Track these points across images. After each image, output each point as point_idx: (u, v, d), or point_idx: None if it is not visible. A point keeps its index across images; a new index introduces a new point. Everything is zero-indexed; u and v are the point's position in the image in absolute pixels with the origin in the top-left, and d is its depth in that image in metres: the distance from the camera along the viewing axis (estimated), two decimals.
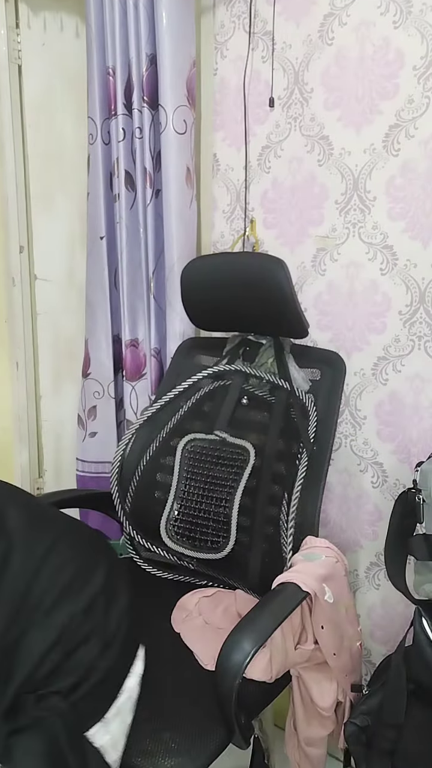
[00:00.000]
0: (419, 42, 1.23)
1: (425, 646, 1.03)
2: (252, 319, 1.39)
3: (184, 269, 1.42)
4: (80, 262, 1.79)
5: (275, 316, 1.33)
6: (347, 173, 1.37)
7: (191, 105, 1.48)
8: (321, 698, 1.12)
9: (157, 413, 1.48)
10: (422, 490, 1.10)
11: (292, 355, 1.39)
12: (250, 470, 1.33)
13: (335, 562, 1.15)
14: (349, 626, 1.16)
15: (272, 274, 1.29)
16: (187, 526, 1.39)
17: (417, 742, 0.97)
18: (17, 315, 1.76)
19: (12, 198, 1.70)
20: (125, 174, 1.53)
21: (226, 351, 1.48)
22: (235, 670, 0.91)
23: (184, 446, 1.42)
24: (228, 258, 1.48)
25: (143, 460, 1.47)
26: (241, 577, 1.33)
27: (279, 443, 1.34)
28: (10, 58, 1.64)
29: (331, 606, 1.08)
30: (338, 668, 1.12)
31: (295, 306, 1.30)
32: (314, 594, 1.04)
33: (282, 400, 1.35)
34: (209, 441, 1.41)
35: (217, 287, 1.38)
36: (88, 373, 1.66)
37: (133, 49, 1.45)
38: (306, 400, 1.33)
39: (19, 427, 1.82)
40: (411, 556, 1.10)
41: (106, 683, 0.89)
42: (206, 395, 1.47)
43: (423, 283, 1.29)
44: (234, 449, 1.38)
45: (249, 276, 1.33)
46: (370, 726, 1.02)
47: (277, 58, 1.44)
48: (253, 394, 1.41)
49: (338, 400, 1.33)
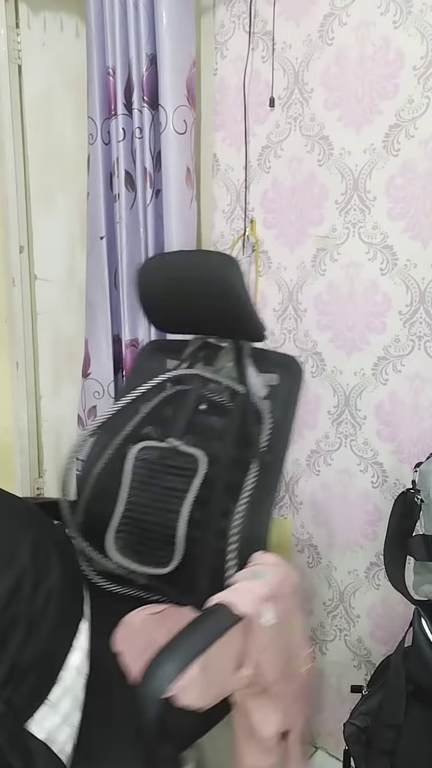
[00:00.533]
0: (419, 42, 1.23)
1: (424, 646, 1.02)
2: (209, 322, 1.31)
3: (140, 269, 1.36)
4: (80, 262, 1.79)
5: (231, 318, 1.26)
6: (347, 173, 1.37)
7: (191, 105, 1.48)
8: (263, 727, 1.04)
9: (112, 419, 1.40)
10: (421, 490, 1.10)
11: (251, 360, 1.33)
12: (201, 480, 1.25)
13: (282, 580, 1.08)
14: (294, 650, 1.10)
15: (224, 273, 1.21)
16: (134, 539, 1.30)
17: (416, 743, 0.97)
18: (17, 315, 1.76)
19: (12, 198, 1.70)
20: (125, 174, 1.53)
21: (187, 354, 1.41)
22: (155, 697, 0.84)
23: (136, 454, 1.34)
24: (181, 257, 1.39)
25: (96, 467, 1.40)
26: (188, 593, 1.23)
27: (233, 452, 1.27)
28: (10, 58, 1.64)
29: (271, 628, 1.01)
30: (281, 695, 1.05)
31: (250, 308, 1.23)
32: (249, 617, 0.98)
33: (239, 406, 1.28)
34: (161, 449, 1.33)
35: (172, 288, 1.31)
36: (88, 373, 1.66)
37: (133, 49, 1.45)
38: (262, 406, 1.28)
39: (19, 427, 1.82)
40: (410, 556, 1.10)
41: (41, 667, 0.83)
42: (165, 400, 1.40)
43: (423, 283, 1.29)
44: (186, 458, 1.30)
45: (201, 276, 1.26)
46: (369, 726, 1.02)
47: (277, 58, 1.44)
48: (211, 399, 1.34)
49: (295, 406, 1.27)
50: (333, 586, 1.52)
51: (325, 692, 1.59)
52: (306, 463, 1.53)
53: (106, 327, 1.62)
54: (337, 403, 1.45)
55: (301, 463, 1.54)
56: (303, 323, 1.48)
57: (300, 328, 1.49)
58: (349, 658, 1.52)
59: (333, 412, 1.46)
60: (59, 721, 0.84)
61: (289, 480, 1.57)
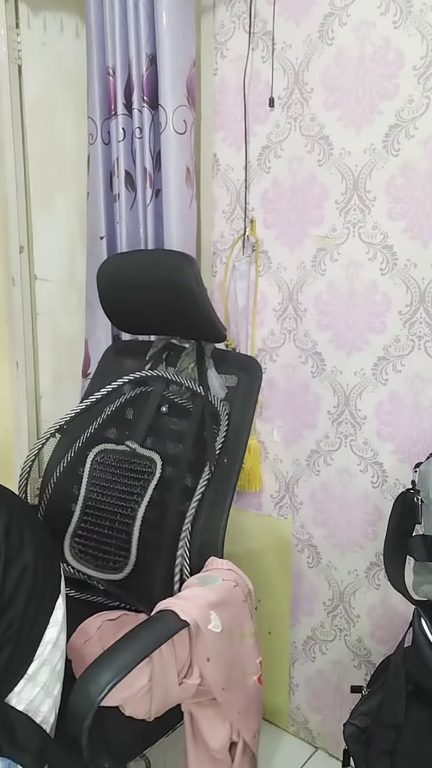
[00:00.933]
0: (419, 42, 1.23)
1: (424, 646, 1.02)
2: (169, 322, 1.31)
3: (99, 269, 1.35)
4: (80, 262, 1.79)
5: (190, 318, 1.25)
6: (347, 173, 1.37)
7: (191, 105, 1.48)
8: (212, 738, 1.04)
9: (74, 422, 1.39)
10: (421, 490, 1.09)
11: (212, 361, 1.32)
12: (155, 483, 1.25)
13: (233, 586, 1.06)
14: (243, 658, 1.08)
15: (178, 272, 1.20)
16: (90, 543, 1.30)
17: (416, 743, 0.97)
18: (17, 315, 1.76)
19: (12, 198, 1.70)
20: (125, 174, 1.53)
21: (150, 355, 1.41)
22: (86, 707, 0.82)
23: (94, 457, 1.34)
24: (139, 256, 1.39)
25: (57, 471, 1.39)
26: (143, 599, 1.22)
27: (191, 454, 1.26)
28: (10, 58, 1.64)
29: (219, 636, 0.99)
30: (229, 705, 1.03)
31: (206, 308, 1.22)
32: (195, 623, 0.96)
33: (199, 407, 1.27)
34: (119, 452, 1.33)
35: (131, 288, 1.30)
36: (88, 372, 1.67)
37: (133, 49, 1.45)
38: (220, 407, 1.27)
39: (19, 427, 1.82)
40: (410, 557, 1.10)
41: (17, 643, 0.83)
42: (127, 402, 1.40)
43: (423, 283, 1.29)
44: (143, 461, 1.30)
45: (156, 275, 1.25)
46: (369, 726, 1.02)
47: (277, 58, 1.44)
48: (172, 401, 1.34)
49: (252, 408, 1.26)
50: (333, 586, 1.52)
51: (325, 692, 1.59)
52: (306, 463, 1.53)
53: (106, 327, 1.62)
54: (337, 403, 1.45)
55: (301, 463, 1.54)
56: (303, 323, 1.48)
57: (300, 328, 1.49)
58: (349, 658, 1.52)
59: (333, 412, 1.46)
60: (39, 692, 0.85)
61: (289, 480, 1.57)
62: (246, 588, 1.10)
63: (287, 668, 1.64)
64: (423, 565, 1.08)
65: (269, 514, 1.62)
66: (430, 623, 1.04)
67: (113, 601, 1.29)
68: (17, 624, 0.83)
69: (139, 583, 1.24)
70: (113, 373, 1.45)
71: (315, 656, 1.59)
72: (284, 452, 1.57)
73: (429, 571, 1.07)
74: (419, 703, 1.02)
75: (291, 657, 1.64)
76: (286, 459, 1.57)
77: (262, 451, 1.60)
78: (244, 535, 1.66)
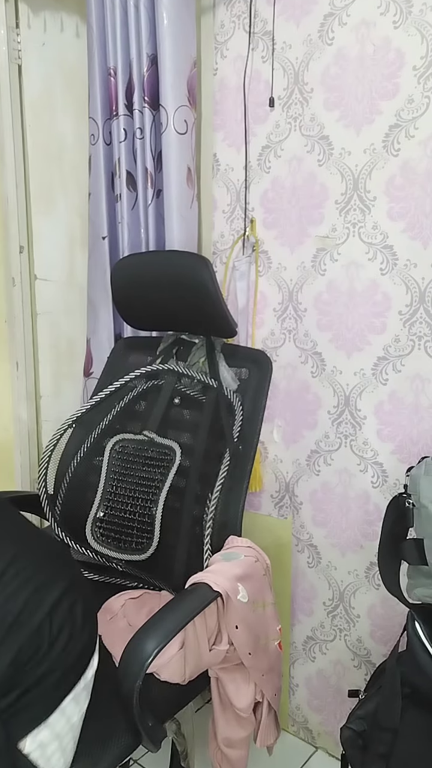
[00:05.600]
0: (419, 42, 1.23)
1: (419, 650, 1.03)
2: (181, 319, 1.39)
3: (114, 268, 1.42)
4: (80, 262, 1.79)
5: (202, 315, 1.32)
6: (347, 173, 1.36)
7: (192, 105, 1.48)
8: (238, 699, 1.13)
9: (88, 414, 1.45)
10: (412, 494, 1.10)
11: (222, 355, 1.40)
12: (176, 470, 1.33)
13: (254, 561, 1.16)
14: (266, 626, 1.16)
15: (196, 273, 1.29)
16: (112, 527, 1.37)
17: (412, 746, 0.97)
18: (17, 315, 1.76)
19: (12, 198, 1.70)
20: (127, 174, 1.53)
21: (160, 350, 1.47)
22: (136, 670, 0.90)
23: (113, 447, 1.41)
24: (155, 257, 1.47)
25: (74, 461, 1.46)
26: (165, 578, 1.31)
27: (207, 443, 1.34)
28: (10, 58, 1.64)
29: (245, 606, 1.08)
30: (254, 668, 1.12)
31: (221, 305, 1.29)
32: (225, 594, 1.04)
33: (212, 399, 1.36)
34: (138, 441, 1.40)
35: (145, 286, 1.38)
36: (90, 372, 1.67)
37: (133, 49, 1.45)
38: (233, 399, 1.34)
39: (19, 427, 1.82)
40: (403, 560, 1.10)
41: (49, 688, 0.85)
42: (139, 395, 1.47)
43: (423, 283, 1.29)
44: (161, 449, 1.37)
45: (174, 275, 1.32)
46: (366, 730, 1.02)
47: (277, 58, 1.44)
48: (184, 393, 1.42)
49: (264, 398, 1.34)
50: (333, 586, 1.52)
51: (325, 692, 1.59)
52: (306, 463, 1.53)
53: (108, 326, 1.62)
54: (337, 403, 1.45)
55: (301, 463, 1.54)
56: (303, 323, 1.48)
57: (300, 328, 1.49)
58: (349, 658, 1.52)
59: (333, 412, 1.46)
60: (48, 735, 0.85)
61: (289, 480, 1.57)
62: (264, 563, 1.19)
63: (287, 668, 1.64)
64: (416, 569, 1.08)
65: (269, 514, 1.62)
66: (424, 626, 1.04)
67: (131, 581, 1.36)
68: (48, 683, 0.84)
69: (162, 563, 1.32)
70: (123, 367, 1.52)
71: (315, 656, 1.59)
72: (284, 452, 1.57)
73: (422, 574, 1.07)
74: (415, 706, 1.02)
75: (291, 657, 1.64)
76: (286, 459, 1.57)
77: (262, 451, 1.60)
78: (244, 535, 1.65)
